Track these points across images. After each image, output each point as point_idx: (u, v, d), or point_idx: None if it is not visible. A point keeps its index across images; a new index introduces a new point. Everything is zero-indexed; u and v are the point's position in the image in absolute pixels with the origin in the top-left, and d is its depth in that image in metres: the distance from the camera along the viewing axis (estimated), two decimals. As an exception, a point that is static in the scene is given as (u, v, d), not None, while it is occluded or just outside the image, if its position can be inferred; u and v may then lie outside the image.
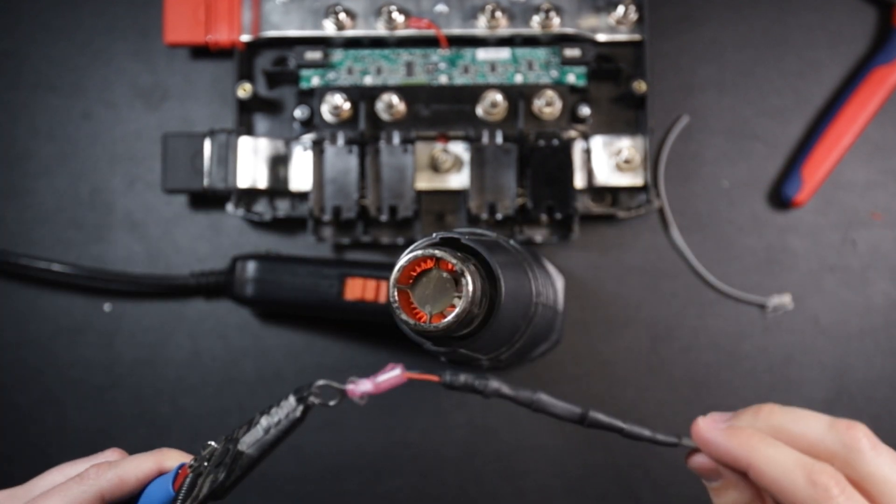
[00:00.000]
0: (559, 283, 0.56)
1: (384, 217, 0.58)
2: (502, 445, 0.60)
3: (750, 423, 0.35)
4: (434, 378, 0.34)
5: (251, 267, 0.57)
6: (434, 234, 0.38)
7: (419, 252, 0.36)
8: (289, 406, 0.35)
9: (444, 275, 0.36)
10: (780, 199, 0.61)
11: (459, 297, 0.36)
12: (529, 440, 0.60)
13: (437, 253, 0.36)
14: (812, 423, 0.34)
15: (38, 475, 0.42)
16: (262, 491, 0.60)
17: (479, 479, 0.59)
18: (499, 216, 0.58)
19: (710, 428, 0.35)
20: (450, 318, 0.36)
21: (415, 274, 0.36)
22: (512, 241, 0.51)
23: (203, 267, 0.60)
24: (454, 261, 0.36)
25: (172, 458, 0.40)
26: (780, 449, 0.33)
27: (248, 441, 0.35)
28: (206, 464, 0.37)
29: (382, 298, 0.56)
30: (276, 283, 0.57)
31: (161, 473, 0.39)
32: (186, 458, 0.40)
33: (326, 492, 0.60)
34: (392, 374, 0.34)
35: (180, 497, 0.36)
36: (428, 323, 0.36)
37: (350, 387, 0.34)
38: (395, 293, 0.36)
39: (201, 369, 0.60)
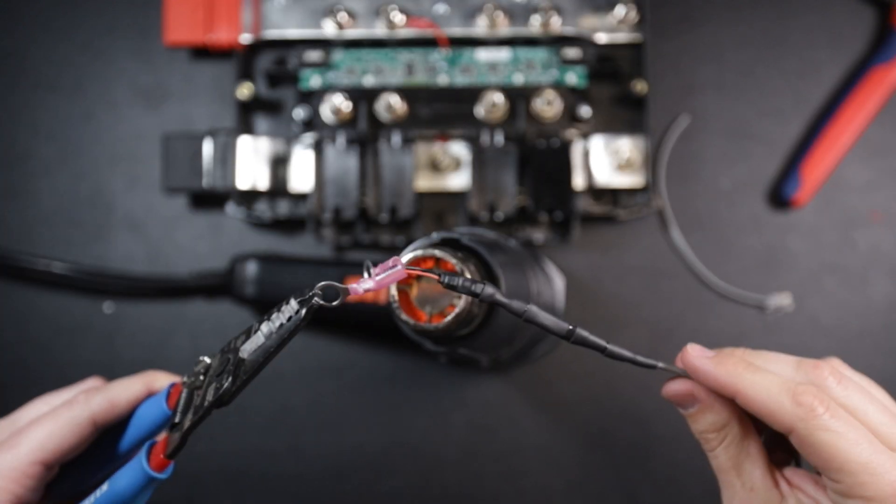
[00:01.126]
0: (559, 283, 0.56)
1: (384, 217, 0.58)
2: (502, 445, 0.60)
3: None
4: (434, 277, 0.34)
5: (251, 267, 0.57)
6: (434, 234, 0.38)
7: (419, 252, 0.36)
8: (290, 309, 0.34)
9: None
10: (779, 199, 0.61)
11: (459, 297, 0.36)
12: (529, 440, 0.60)
13: (437, 253, 0.36)
14: (781, 366, 0.35)
15: (22, 406, 0.41)
16: (263, 491, 0.60)
17: (479, 479, 0.59)
18: (499, 216, 0.58)
19: (698, 356, 0.36)
20: (450, 318, 0.36)
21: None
22: (512, 241, 0.51)
23: (203, 267, 0.60)
24: (454, 261, 0.36)
25: (161, 379, 0.39)
26: (764, 375, 0.34)
27: (249, 348, 0.34)
28: (201, 378, 0.36)
29: (382, 299, 0.56)
30: (276, 283, 0.57)
31: (151, 395, 0.39)
32: (174, 379, 0.39)
33: (326, 492, 0.60)
34: (392, 271, 0.34)
35: (179, 410, 0.35)
36: (428, 323, 0.36)
37: (352, 285, 0.34)
38: (396, 293, 0.37)
39: (201, 369, 0.60)
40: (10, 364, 0.61)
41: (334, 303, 0.33)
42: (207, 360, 0.36)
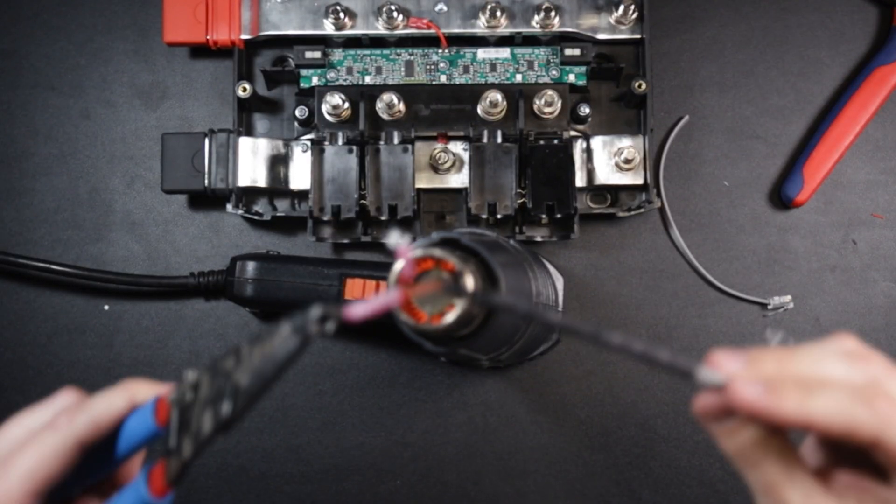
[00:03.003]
0: (559, 283, 0.56)
1: (384, 217, 0.58)
2: (502, 445, 0.60)
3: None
4: (505, 305, 0.33)
5: (251, 267, 0.57)
6: (434, 235, 0.38)
7: (419, 252, 0.36)
8: (281, 336, 0.31)
9: (444, 275, 0.36)
10: (780, 198, 0.60)
11: (459, 297, 0.36)
12: (529, 440, 0.60)
13: (437, 253, 0.36)
14: (830, 367, 0.32)
15: None
16: (263, 491, 0.59)
17: (479, 479, 0.59)
18: (499, 216, 0.58)
19: (751, 392, 0.31)
20: (450, 318, 0.36)
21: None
22: (512, 241, 0.51)
23: (203, 267, 0.60)
24: (454, 261, 0.36)
25: (142, 390, 0.37)
26: (830, 393, 0.31)
27: (244, 372, 0.32)
28: (187, 395, 0.34)
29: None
30: (276, 283, 0.57)
31: (134, 408, 0.37)
32: (157, 389, 0.38)
33: (326, 492, 0.59)
34: (388, 296, 0.32)
35: (172, 430, 0.34)
36: (428, 323, 0.36)
37: (348, 309, 0.32)
38: (395, 293, 0.36)
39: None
40: (10, 364, 0.60)
41: (328, 327, 0.31)
42: (192, 374, 0.35)
